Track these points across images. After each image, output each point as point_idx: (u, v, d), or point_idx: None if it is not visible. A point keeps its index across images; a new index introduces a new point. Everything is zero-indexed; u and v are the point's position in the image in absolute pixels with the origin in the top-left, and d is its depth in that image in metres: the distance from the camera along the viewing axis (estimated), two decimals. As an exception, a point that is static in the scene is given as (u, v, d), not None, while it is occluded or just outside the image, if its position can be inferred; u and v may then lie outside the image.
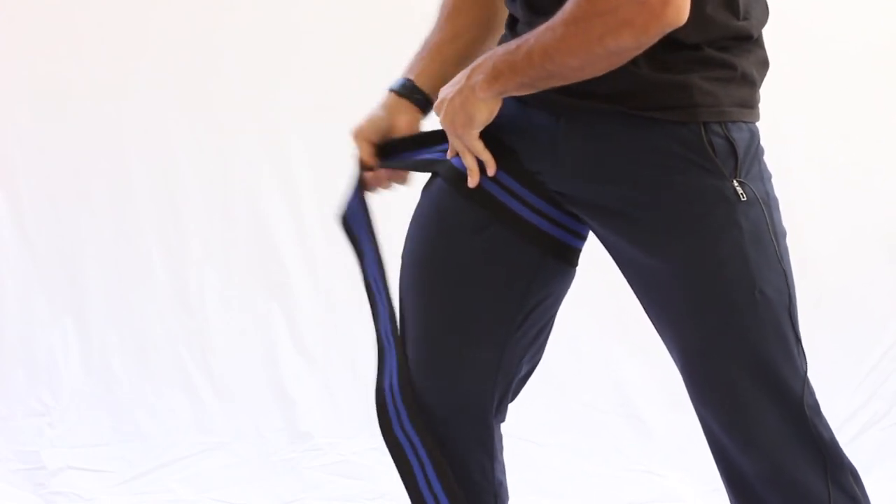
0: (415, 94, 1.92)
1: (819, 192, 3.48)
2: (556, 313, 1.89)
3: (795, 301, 1.71)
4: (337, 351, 3.54)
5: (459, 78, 1.74)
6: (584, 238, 1.84)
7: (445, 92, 1.76)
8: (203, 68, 3.58)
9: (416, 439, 1.82)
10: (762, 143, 1.75)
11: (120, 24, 3.57)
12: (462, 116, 1.73)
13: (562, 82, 1.65)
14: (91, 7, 3.58)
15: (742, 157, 1.68)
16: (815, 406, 1.71)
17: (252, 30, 3.58)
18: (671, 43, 1.64)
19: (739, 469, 1.73)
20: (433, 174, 1.86)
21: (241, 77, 3.58)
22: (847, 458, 1.73)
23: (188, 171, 3.59)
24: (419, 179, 1.91)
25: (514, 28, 1.80)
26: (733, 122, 1.68)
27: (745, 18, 1.69)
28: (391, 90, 1.95)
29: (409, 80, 1.93)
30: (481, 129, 1.74)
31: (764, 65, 1.74)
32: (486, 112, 1.72)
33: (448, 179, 1.83)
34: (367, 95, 3.62)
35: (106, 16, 3.57)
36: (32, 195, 3.58)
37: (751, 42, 1.70)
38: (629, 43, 1.56)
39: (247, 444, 3.38)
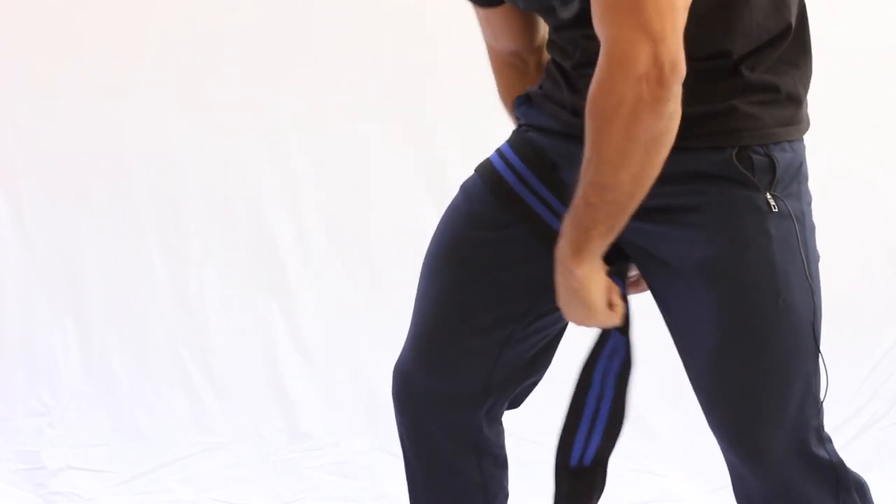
0: None
1: (821, 194, 3.46)
2: (565, 326, 1.89)
3: (820, 319, 1.72)
4: (337, 351, 3.54)
5: (559, 276, 1.69)
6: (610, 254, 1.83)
7: (560, 297, 1.71)
8: (203, 68, 3.58)
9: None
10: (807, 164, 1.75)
11: (120, 24, 3.57)
12: (581, 309, 1.70)
13: (636, 202, 1.62)
14: (91, 7, 3.57)
15: (781, 173, 1.68)
16: (820, 428, 1.71)
17: (252, 30, 3.58)
18: (714, 70, 1.65)
19: (749, 486, 1.73)
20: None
21: (241, 77, 3.58)
22: (851, 474, 1.72)
23: (188, 171, 3.59)
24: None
25: (567, 76, 1.77)
26: (776, 142, 1.68)
27: (790, 13, 1.69)
28: None
29: None
30: (606, 302, 1.70)
31: (809, 77, 1.74)
32: (595, 284, 1.68)
33: (482, 175, 1.83)
34: (366, 95, 3.64)
35: (106, 16, 3.57)
36: (32, 195, 3.58)
37: (792, 46, 1.69)
38: (652, 120, 1.55)
39: (247, 444, 3.38)
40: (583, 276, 1.66)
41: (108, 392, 3.48)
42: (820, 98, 3.45)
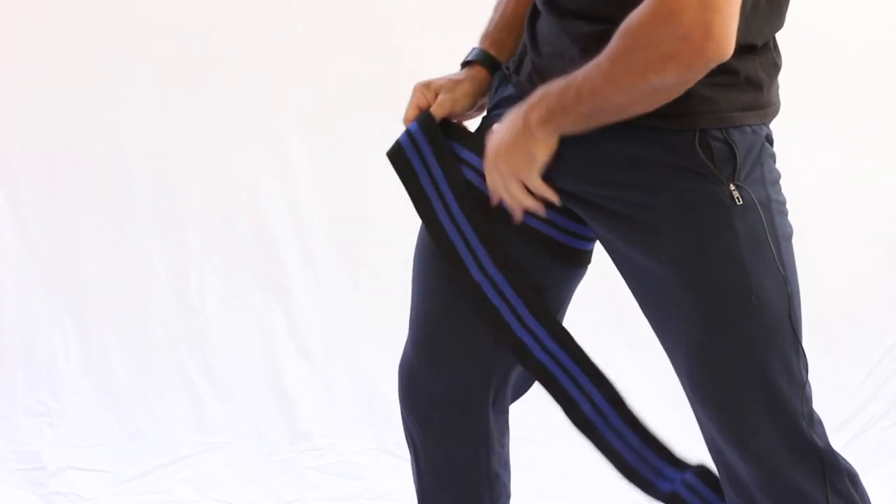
0: (491, 62, 1.89)
1: (819, 194, 3.48)
2: (560, 308, 1.89)
3: (797, 306, 1.70)
4: (337, 351, 3.54)
5: (512, 121, 1.71)
6: (584, 239, 1.83)
7: (499, 136, 1.73)
8: (203, 68, 3.58)
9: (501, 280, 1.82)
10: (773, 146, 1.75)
11: (120, 24, 3.57)
12: (523, 156, 1.71)
13: (612, 119, 1.65)
14: (91, 7, 3.57)
15: (741, 161, 1.67)
16: (811, 414, 1.71)
17: (252, 29, 3.58)
18: None
19: (736, 472, 1.73)
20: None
21: (241, 77, 3.58)
22: (843, 462, 1.72)
23: (188, 171, 3.59)
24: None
25: (533, 23, 1.79)
26: (736, 126, 1.68)
27: (749, 29, 1.67)
28: (469, 61, 1.92)
29: (485, 50, 1.90)
30: (543, 169, 1.72)
31: (773, 66, 1.73)
32: (546, 151, 1.70)
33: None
34: (366, 95, 3.64)
35: (106, 16, 3.57)
36: (32, 195, 3.58)
37: (756, 49, 1.70)
38: (673, 78, 1.55)
39: (247, 444, 3.38)
40: (542, 139, 1.68)
41: (108, 392, 3.48)
42: (821, 98, 3.47)
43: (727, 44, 1.52)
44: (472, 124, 1.94)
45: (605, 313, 3.40)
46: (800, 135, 3.42)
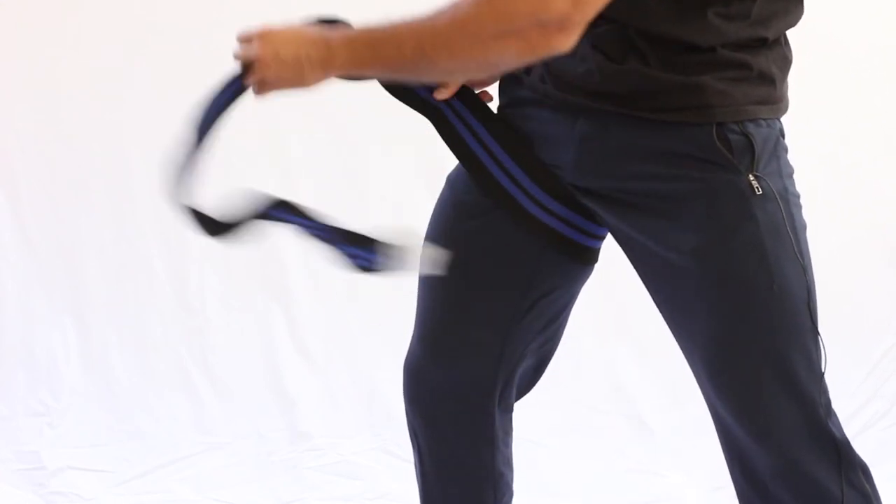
0: None
1: (821, 193, 3.47)
2: (567, 307, 1.90)
3: (815, 296, 1.71)
4: (337, 351, 3.54)
5: (312, 42, 1.72)
6: (595, 237, 1.83)
7: (289, 37, 1.75)
8: (203, 68, 3.57)
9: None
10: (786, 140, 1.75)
11: (120, 24, 3.57)
12: (294, 76, 1.76)
13: (419, 80, 1.63)
14: (91, 7, 3.57)
15: (759, 152, 1.68)
16: (828, 405, 1.72)
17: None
18: (686, 45, 1.64)
19: (752, 463, 1.73)
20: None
21: (241, 77, 3.58)
22: (857, 455, 1.73)
23: (188, 171, 3.58)
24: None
25: None
26: (751, 119, 1.68)
27: (761, 24, 1.68)
28: None
29: None
30: None
31: (784, 61, 1.73)
32: (316, 83, 1.72)
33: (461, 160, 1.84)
34: (366, 95, 3.63)
35: (106, 16, 3.57)
36: (32, 195, 3.58)
37: (767, 43, 1.70)
38: (512, 57, 1.53)
39: (247, 444, 3.38)
40: (327, 78, 1.73)
41: (108, 392, 3.48)
42: (822, 97, 3.47)
43: (573, 40, 1.50)
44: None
45: (606, 314, 3.39)
46: (802, 135, 3.41)
